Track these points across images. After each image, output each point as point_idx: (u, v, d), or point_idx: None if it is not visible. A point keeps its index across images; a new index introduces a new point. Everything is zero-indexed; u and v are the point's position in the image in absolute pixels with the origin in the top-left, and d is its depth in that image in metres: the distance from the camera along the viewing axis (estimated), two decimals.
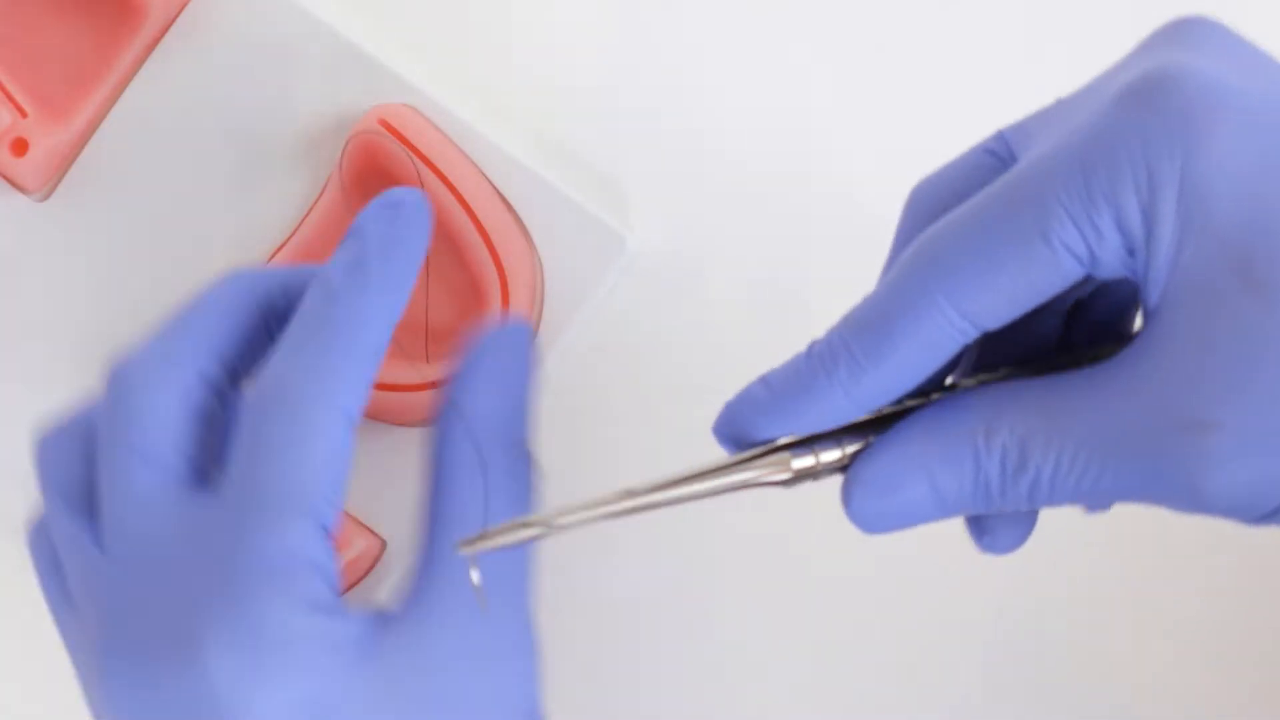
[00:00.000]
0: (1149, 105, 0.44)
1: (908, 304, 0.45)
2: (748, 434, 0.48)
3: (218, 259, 0.64)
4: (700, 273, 0.65)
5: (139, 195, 0.64)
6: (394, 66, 0.65)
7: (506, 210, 0.64)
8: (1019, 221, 0.44)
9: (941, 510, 0.46)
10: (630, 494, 0.48)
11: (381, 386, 0.63)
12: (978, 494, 0.46)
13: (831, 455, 0.47)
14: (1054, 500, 0.45)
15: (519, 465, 0.50)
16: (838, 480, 0.48)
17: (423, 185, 0.64)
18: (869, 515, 0.47)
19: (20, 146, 0.64)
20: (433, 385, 0.63)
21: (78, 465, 0.50)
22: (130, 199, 0.64)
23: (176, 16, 0.65)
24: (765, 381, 0.47)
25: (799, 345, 0.64)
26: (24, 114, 0.64)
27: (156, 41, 0.65)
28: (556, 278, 0.64)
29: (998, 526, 0.48)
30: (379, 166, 0.64)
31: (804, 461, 0.47)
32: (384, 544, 0.64)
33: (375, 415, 0.63)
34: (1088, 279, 0.46)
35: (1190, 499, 0.44)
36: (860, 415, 0.47)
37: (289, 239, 0.64)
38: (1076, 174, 0.44)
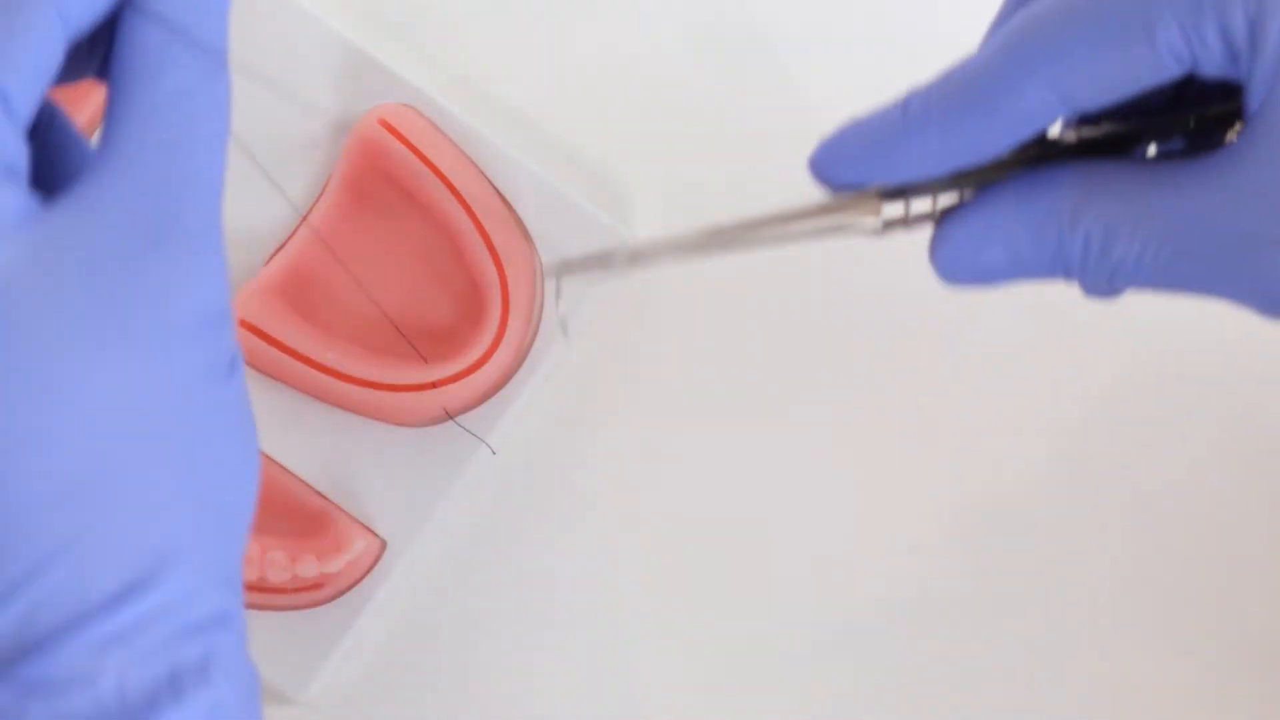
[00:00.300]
0: None
1: (1008, 78, 0.45)
2: (839, 177, 0.47)
3: None
4: (701, 272, 0.65)
5: None
6: (394, 66, 0.65)
7: (505, 209, 0.64)
8: (1126, 19, 0.44)
9: (1020, 275, 0.47)
10: (717, 230, 0.47)
11: (381, 386, 0.63)
12: (1057, 267, 0.47)
13: (923, 206, 0.46)
14: (1132, 285, 0.46)
15: (218, 68, 0.45)
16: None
17: (423, 185, 0.64)
18: (951, 269, 0.47)
19: None
20: (433, 385, 0.63)
21: None
22: None
23: None
24: (858, 127, 0.47)
25: (800, 344, 0.65)
26: None
27: None
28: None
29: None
30: (379, 166, 0.64)
31: (895, 209, 0.46)
32: (384, 544, 0.64)
33: (375, 415, 0.63)
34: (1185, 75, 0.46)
35: (1271, 308, 0.45)
36: (951, 170, 0.46)
37: (289, 239, 0.64)
38: None
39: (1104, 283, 0.46)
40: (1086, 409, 0.64)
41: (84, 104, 0.64)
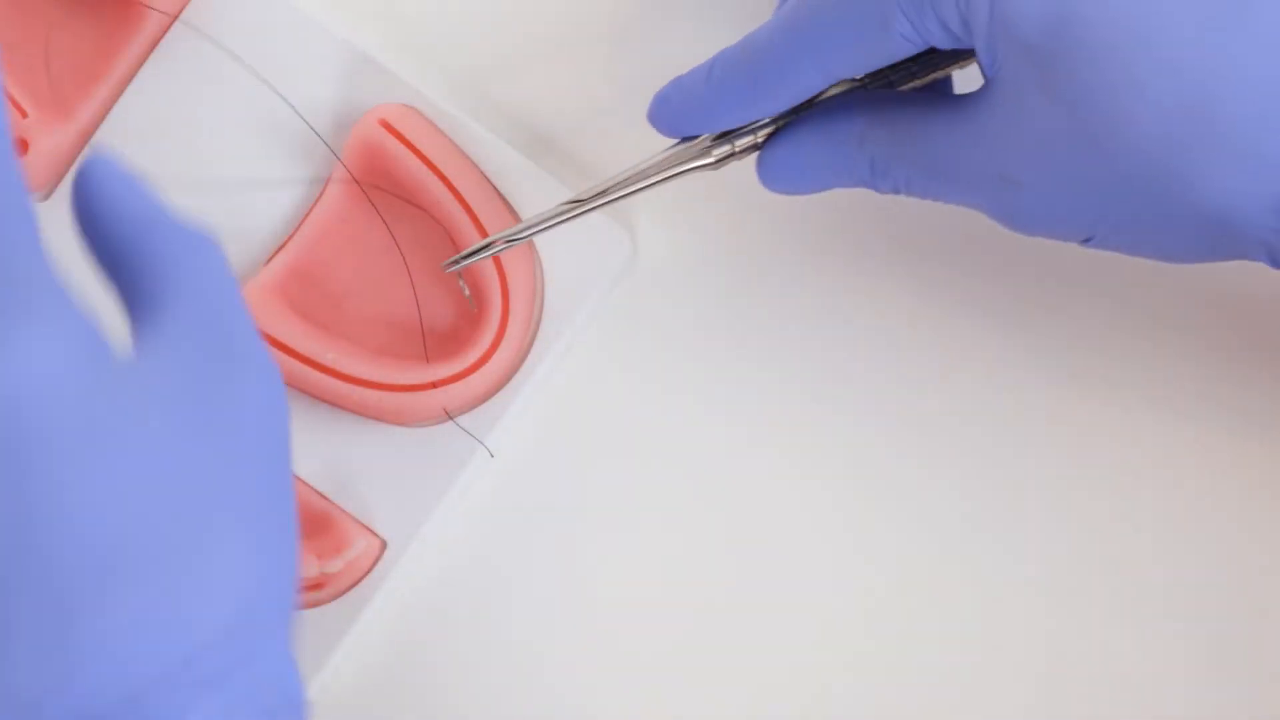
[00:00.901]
0: None
1: (783, 59, 0.57)
2: (672, 130, 0.60)
3: None
4: (702, 273, 0.65)
5: None
6: (394, 66, 0.65)
7: (506, 210, 0.64)
8: (866, 16, 0.56)
9: (828, 185, 0.59)
10: (575, 201, 0.61)
11: (381, 386, 0.63)
12: (855, 179, 0.59)
13: (745, 140, 0.60)
14: (914, 195, 0.58)
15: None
16: None
17: (423, 185, 0.64)
18: (773, 183, 0.60)
19: (21, 146, 0.64)
20: (433, 385, 0.63)
21: None
22: None
23: (177, 17, 0.65)
24: (679, 88, 0.59)
25: (804, 346, 0.64)
26: (24, 114, 0.64)
27: (157, 42, 0.65)
28: (556, 278, 0.64)
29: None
30: (379, 167, 0.64)
31: (723, 149, 0.60)
32: (384, 544, 0.64)
33: (375, 415, 0.63)
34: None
35: (1010, 224, 0.57)
36: (752, 121, 0.59)
37: (289, 239, 0.64)
38: None
39: (892, 192, 0.58)
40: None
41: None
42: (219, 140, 0.65)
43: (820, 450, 0.65)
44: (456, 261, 0.62)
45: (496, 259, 0.63)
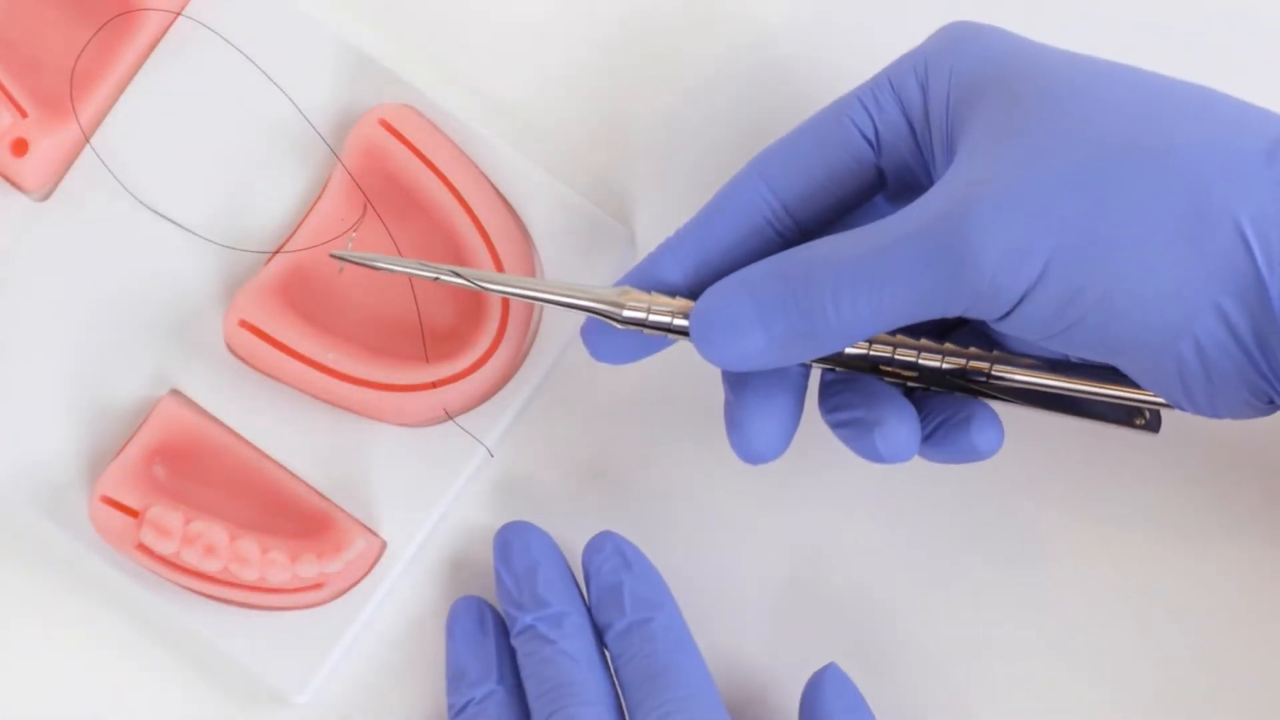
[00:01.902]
0: (938, 37, 0.57)
1: (732, 187, 0.58)
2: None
3: (217, 259, 0.64)
4: None
5: (139, 195, 0.64)
6: (394, 66, 0.65)
7: (505, 209, 0.64)
8: (823, 115, 0.58)
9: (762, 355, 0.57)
10: (459, 273, 0.58)
11: (381, 386, 0.63)
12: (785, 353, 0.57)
13: (661, 318, 0.58)
14: (852, 336, 0.56)
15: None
16: None
17: (423, 185, 0.64)
18: (709, 350, 0.58)
19: (20, 147, 0.64)
20: (432, 385, 0.63)
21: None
22: (130, 199, 0.64)
23: (176, 17, 0.65)
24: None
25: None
26: (24, 114, 0.64)
27: (156, 42, 0.65)
28: (556, 276, 0.64)
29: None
30: (379, 167, 0.64)
31: (636, 314, 0.58)
32: (384, 544, 0.64)
33: (375, 415, 0.63)
34: (878, 173, 0.58)
35: (961, 280, 0.54)
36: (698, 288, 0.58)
37: (289, 239, 0.64)
38: (878, 77, 0.57)
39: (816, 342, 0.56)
40: None
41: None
42: (219, 140, 0.65)
43: (820, 450, 0.65)
44: (343, 259, 0.59)
45: (495, 258, 0.63)
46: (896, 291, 0.54)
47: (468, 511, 0.65)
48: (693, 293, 0.58)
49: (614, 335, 0.59)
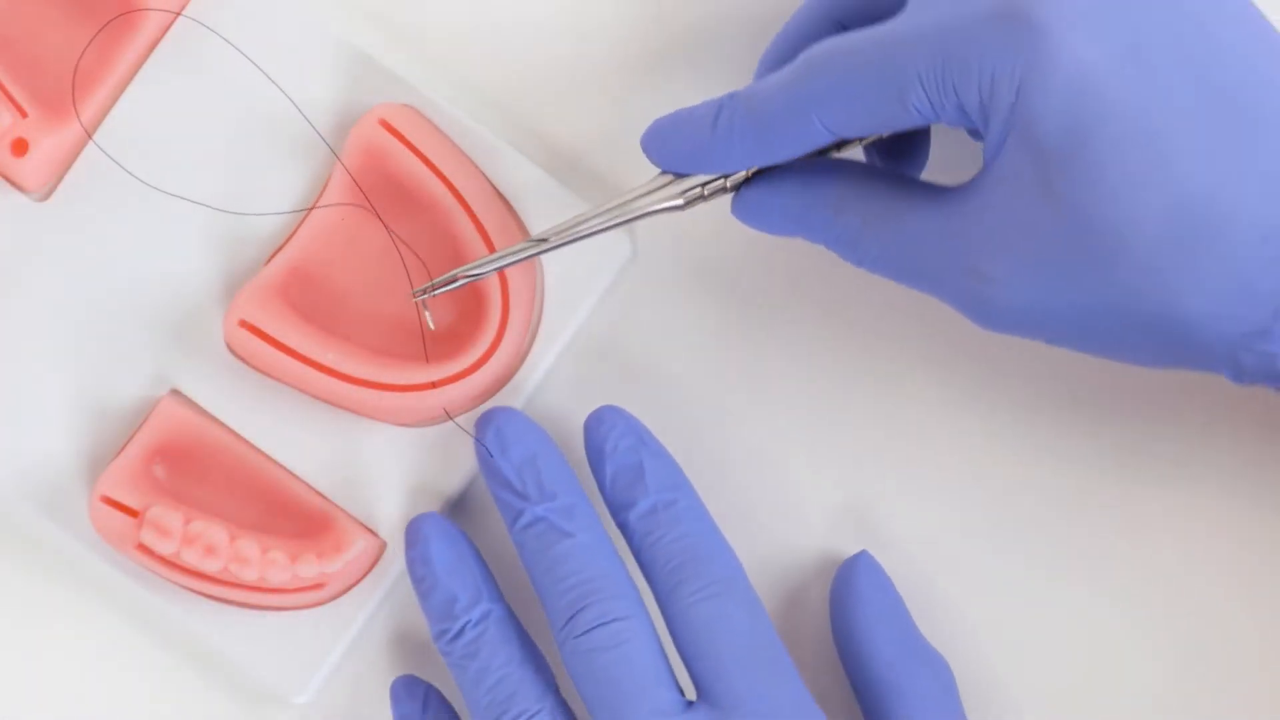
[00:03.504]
0: (1011, 21, 0.54)
1: (789, 119, 0.57)
2: (665, 164, 0.60)
3: (218, 259, 0.64)
4: (702, 273, 0.65)
5: (139, 195, 0.64)
6: (394, 66, 0.65)
7: (505, 209, 0.64)
8: (885, 82, 0.56)
9: (797, 235, 0.60)
10: (540, 239, 0.61)
11: (381, 386, 0.63)
12: (824, 241, 0.59)
13: (715, 185, 0.60)
14: (875, 272, 0.59)
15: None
16: None
17: (423, 185, 0.64)
18: (747, 220, 0.60)
19: (20, 146, 0.64)
20: (432, 385, 0.63)
21: None
22: (130, 199, 0.64)
23: (177, 17, 0.65)
24: (679, 126, 0.59)
25: (802, 348, 0.64)
26: (24, 114, 0.64)
27: (156, 42, 0.65)
28: (556, 278, 0.64)
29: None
30: (379, 167, 0.64)
31: (692, 192, 0.60)
32: (384, 544, 0.64)
33: (375, 415, 0.63)
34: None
35: (977, 318, 0.57)
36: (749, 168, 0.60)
37: (289, 239, 0.64)
38: (938, 62, 0.55)
39: (858, 265, 0.59)
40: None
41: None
42: (219, 141, 0.65)
43: (819, 449, 0.65)
44: (426, 290, 0.61)
45: None
46: (915, 282, 0.58)
47: (468, 512, 0.65)
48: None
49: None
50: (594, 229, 0.61)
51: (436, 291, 0.61)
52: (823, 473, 0.64)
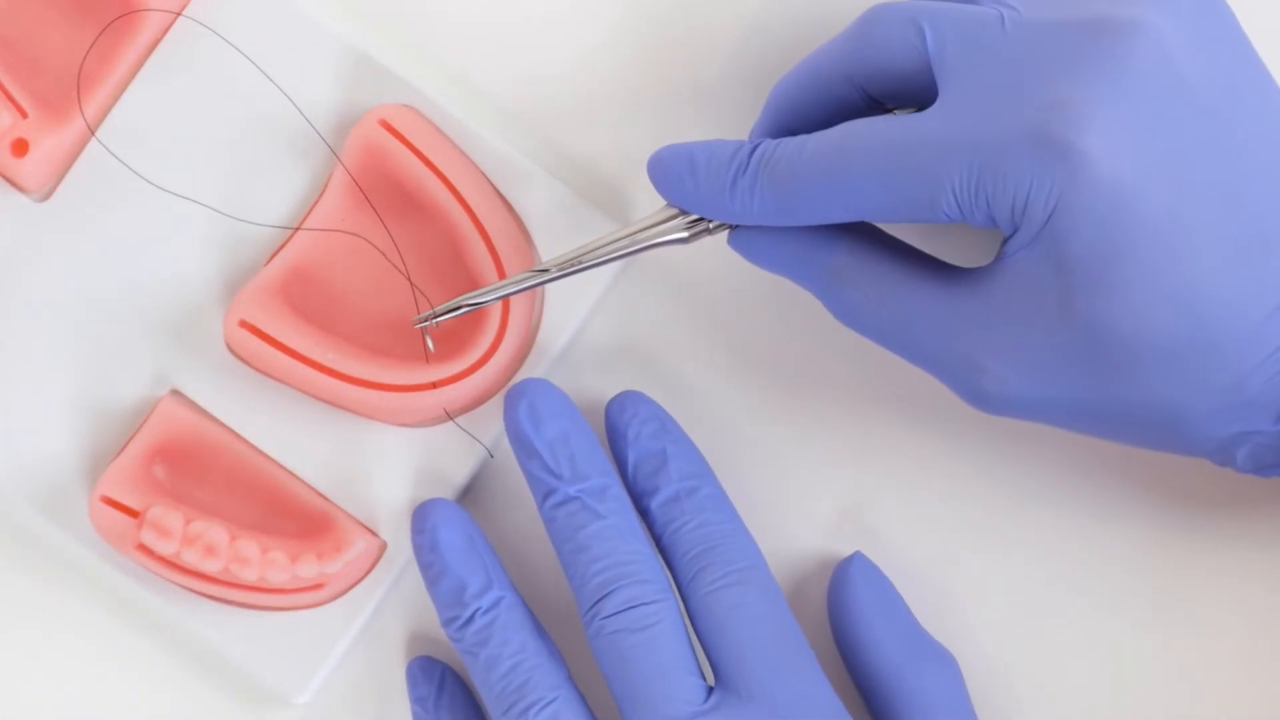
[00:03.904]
0: (1050, 147, 0.54)
1: (816, 198, 0.57)
2: (673, 200, 0.60)
3: (218, 260, 0.64)
4: (702, 273, 0.65)
5: (139, 195, 0.64)
6: (394, 66, 0.65)
7: (506, 209, 0.64)
8: (917, 187, 0.56)
9: (794, 281, 0.60)
10: (542, 270, 0.61)
11: (381, 387, 0.63)
12: (823, 300, 0.60)
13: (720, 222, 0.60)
14: (864, 337, 0.59)
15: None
16: None
17: (423, 185, 0.64)
18: (743, 255, 0.60)
19: (21, 147, 0.64)
20: (432, 386, 0.63)
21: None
22: (130, 199, 0.64)
23: (177, 18, 0.65)
24: (694, 172, 0.59)
25: (801, 349, 0.64)
26: (24, 114, 0.64)
27: (157, 42, 0.65)
28: None
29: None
30: (378, 166, 0.64)
31: (698, 227, 0.60)
32: (384, 545, 0.64)
33: (375, 415, 0.63)
34: None
35: (972, 402, 0.58)
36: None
37: (289, 239, 0.64)
38: (973, 177, 0.55)
39: (848, 326, 0.59)
40: None
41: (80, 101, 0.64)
42: (219, 141, 0.65)
43: (819, 449, 0.65)
44: (428, 319, 0.62)
45: (496, 259, 0.63)
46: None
47: (468, 512, 0.65)
48: None
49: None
50: (597, 260, 0.61)
51: (438, 319, 0.62)
52: (822, 472, 0.65)
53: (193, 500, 0.64)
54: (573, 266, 0.61)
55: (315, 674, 0.63)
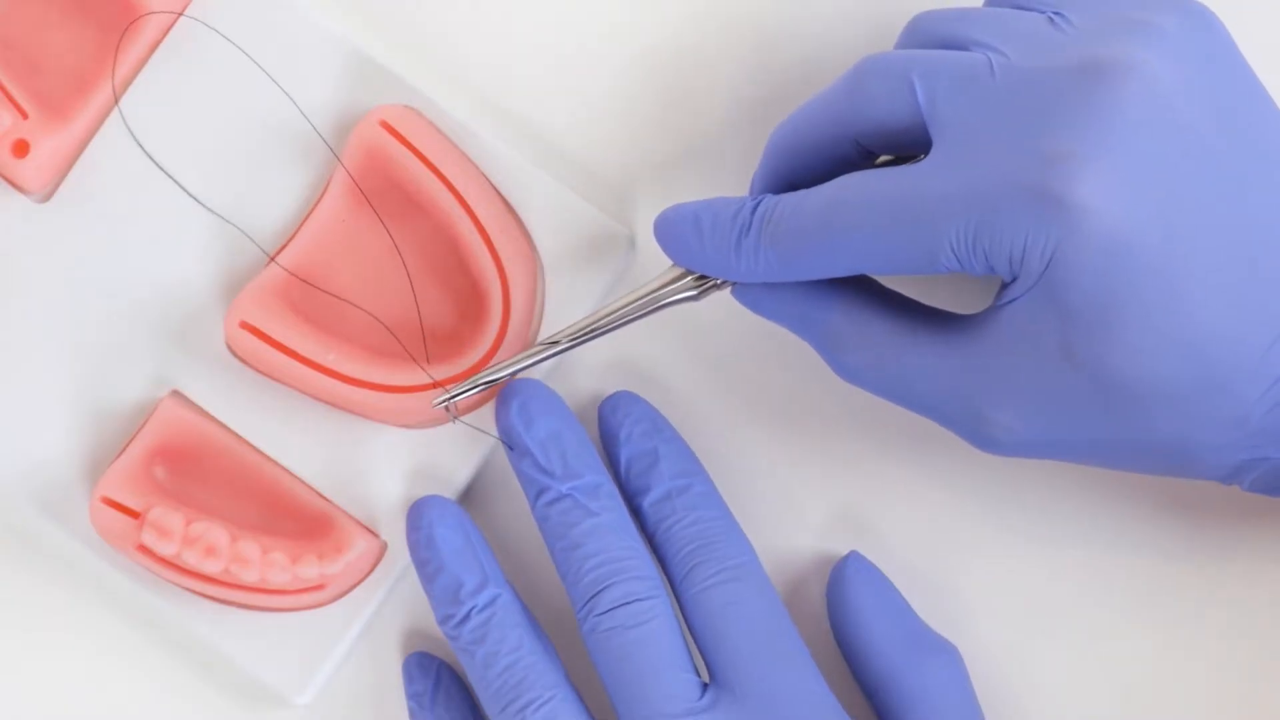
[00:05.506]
0: (1046, 201, 0.54)
1: (816, 255, 0.57)
2: (679, 260, 0.60)
3: (218, 260, 0.64)
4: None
5: (139, 196, 0.64)
6: (394, 67, 0.65)
7: (506, 210, 0.64)
8: (916, 243, 0.56)
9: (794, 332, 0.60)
10: (552, 342, 0.61)
11: (381, 387, 0.63)
12: (825, 359, 0.60)
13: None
14: (867, 389, 0.59)
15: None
16: None
17: (423, 186, 0.64)
18: (746, 305, 0.61)
19: (21, 148, 0.64)
20: (433, 386, 0.63)
21: None
22: (130, 199, 0.64)
23: (178, 18, 0.65)
24: (701, 236, 0.59)
25: (799, 348, 0.65)
26: (25, 115, 0.64)
27: (157, 43, 0.65)
28: (557, 278, 0.64)
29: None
30: (379, 167, 0.64)
31: (707, 284, 0.60)
32: (385, 545, 0.64)
33: (376, 416, 0.63)
34: None
35: (980, 446, 0.58)
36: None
37: (289, 240, 0.64)
38: (970, 231, 0.55)
39: (848, 381, 0.59)
40: None
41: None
42: (219, 142, 0.65)
43: (819, 449, 0.65)
44: (448, 399, 0.62)
45: (497, 260, 0.63)
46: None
47: (468, 513, 0.65)
48: None
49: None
50: (610, 325, 0.61)
51: (458, 397, 0.62)
52: (821, 471, 0.65)
53: (193, 501, 0.64)
54: (584, 336, 0.61)
55: (316, 675, 0.64)
